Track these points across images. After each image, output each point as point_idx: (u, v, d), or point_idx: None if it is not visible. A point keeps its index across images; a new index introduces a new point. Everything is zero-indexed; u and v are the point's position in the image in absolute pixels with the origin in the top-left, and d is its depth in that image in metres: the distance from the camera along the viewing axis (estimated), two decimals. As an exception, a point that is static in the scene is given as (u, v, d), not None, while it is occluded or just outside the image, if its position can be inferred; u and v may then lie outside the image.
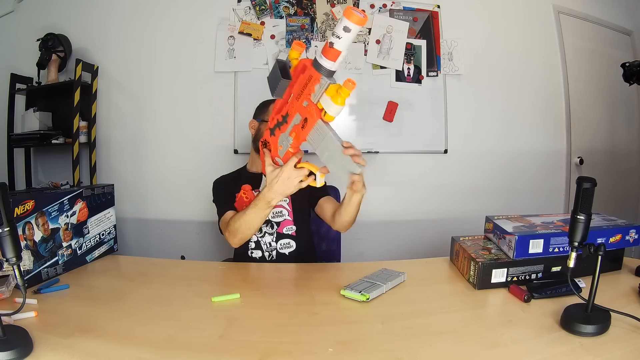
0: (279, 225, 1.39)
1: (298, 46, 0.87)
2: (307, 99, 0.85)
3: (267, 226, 1.38)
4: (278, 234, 1.38)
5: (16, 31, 2.37)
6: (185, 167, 2.33)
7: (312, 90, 0.83)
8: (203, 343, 0.75)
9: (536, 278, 1.01)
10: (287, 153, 0.97)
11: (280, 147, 0.96)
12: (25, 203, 1.00)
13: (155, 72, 2.32)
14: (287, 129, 0.92)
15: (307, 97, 0.85)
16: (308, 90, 0.84)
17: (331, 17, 2.27)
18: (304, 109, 0.86)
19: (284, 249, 1.38)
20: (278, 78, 0.86)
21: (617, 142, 2.64)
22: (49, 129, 2.24)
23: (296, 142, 0.93)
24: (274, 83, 0.87)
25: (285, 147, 0.94)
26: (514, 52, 2.39)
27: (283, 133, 0.93)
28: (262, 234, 1.38)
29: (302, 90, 0.85)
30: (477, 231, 1.22)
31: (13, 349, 0.67)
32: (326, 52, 0.79)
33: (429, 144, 2.34)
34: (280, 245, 1.38)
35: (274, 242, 1.38)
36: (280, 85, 0.87)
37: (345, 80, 0.81)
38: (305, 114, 0.86)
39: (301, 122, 0.88)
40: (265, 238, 1.38)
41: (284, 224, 1.39)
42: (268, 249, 1.38)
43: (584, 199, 0.78)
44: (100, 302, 0.94)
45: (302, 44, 0.88)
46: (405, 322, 0.83)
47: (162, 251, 2.34)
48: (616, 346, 0.71)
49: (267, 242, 1.38)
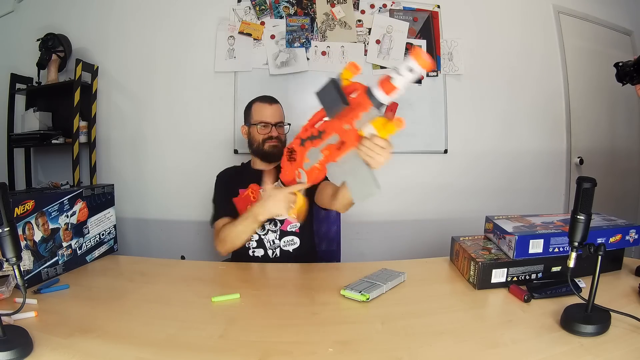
0: (282, 223, 1.39)
1: (354, 68, 0.84)
2: (350, 123, 0.83)
3: (271, 224, 1.38)
4: (282, 231, 1.39)
5: (16, 31, 2.37)
6: (185, 167, 2.33)
7: (358, 117, 0.82)
8: (203, 343, 0.75)
9: (536, 278, 1.01)
10: (313, 168, 0.95)
11: (308, 160, 0.95)
12: (25, 203, 1.00)
13: (155, 72, 2.32)
14: (320, 145, 0.90)
15: (350, 121, 0.83)
16: (353, 115, 0.83)
17: (331, 17, 2.26)
18: (343, 132, 0.85)
19: (288, 246, 1.39)
20: (337, 102, 0.82)
21: (617, 142, 2.64)
22: (49, 129, 2.23)
23: (326, 160, 0.91)
24: (330, 105, 0.84)
25: (313, 161, 0.93)
26: (514, 52, 2.39)
27: (314, 147, 0.92)
28: (265, 232, 1.38)
29: (348, 113, 0.83)
30: (477, 231, 1.22)
31: (13, 349, 0.67)
32: (383, 84, 0.79)
33: (429, 144, 2.33)
34: (284, 243, 1.38)
35: (278, 239, 1.38)
36: (337, 109, 0.84)
37: (397, 118, 0.81)
38: (344, 138, 0.85)
39: (338, 144, 0.87)
40: (268, 236, 1.38)
41: (288, 221, 1.39)
42: (272, 246, 1.38)
43: (584, 199, 0.78)
44: (100, 302, 0.94)
45: (358, 67, 0.85)
46: (405, 322, 0.83)
47: (162, 251, 2.34)
48: (616, 346, 0.71)
49: (271, 240, 1.38)
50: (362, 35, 2.28)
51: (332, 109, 0.84)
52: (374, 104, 0.81)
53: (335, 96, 0.82)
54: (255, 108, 1.45)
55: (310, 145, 0.92)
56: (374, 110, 0.81)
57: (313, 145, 0.92)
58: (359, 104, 0.82)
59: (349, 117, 0.83)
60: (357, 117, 0.82)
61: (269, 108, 1.43)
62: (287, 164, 1.03)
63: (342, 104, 0.82)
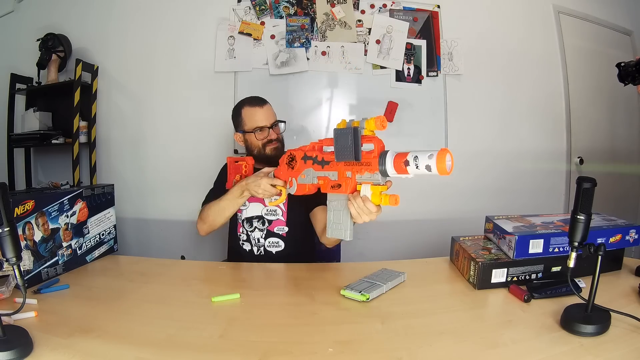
0: (270, 224, 1.38)
1: (380, 123, 0.83)
2: (354, 173, 0.86)
3: (259, 222, 1.38)
4: (268, 231, 1.38)
5: (16, 31, 2.37)
6: (185, 167, 2.33)
7: (362, 173, 0.84)
8: (203, 343, 0.75)
9: (536, 278, 1.00)
10: (305, 186, 0.99)
11: (304, 176, 0.98)
12: (25, 203, 1.00)
13: (155, 72, 2.32)
14: (319, 173, 0.94)
15: (355, 171, 0.86)
16: (359, 169, 0.85)
17: (331, 17, 2.26)
18: (344, 177, 0.88)
19: (272, 248, 1.38)
20: (350, 154, 0.84)
21: (617, 142, 2.64)
22: (49, 129, 2.23)
23: (317, 187, 0.96)
24: (342, 150, 0.85)
25: (307, 180, 0.97)
26: (514, 52, 2.39)
27: (313, 170, 0.96)
28: (252, 228, 1.38)
29: (355, 165, 0.86)
30: (477, 231, 1.22)
31: (13, 349, 0.67)
32: (398, 162, 0.79)
33: (429, 144, 2.33)
34: (268, 243, 1.38)
35: (263, 238, 1.38)
36: (346, 158, 0.85)
37: (393, 195, 0.84)
38: (343, 181, 0.88)
39: (335, 182, 0.90)
40: (255, 233, 1.38)
41: (276, 223, 1.38)
42: (256, 244, 1.38)
43: (584, 199, 0.78)
44: (100, 302, 0.94)
45: (385, 125, 0.83)
46: (405, 322, 0.83)
47: (162, 251, 2.34)
48: (616, 346, 0.71)
49: (256, 238, 1.38)
50: (362, 35, 2.28)
51: (342, 155, 0.85)
52: (381, 171, 0.82)
53: (350, 147, 0.83)
54: (245, 113, 1.37)
55: (311, 166, 0.95)
56: (378, 177, 0.83)
57: (314, 168, 0.95)
58: (368, 164, 0.83)
59: (354, 168, 0.86)
60: (361, 173, 0.85)
61: (260, 111, 1.36)
62: (285, 166, 1.06)
63: (353, 157, 0.83)
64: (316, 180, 0.95)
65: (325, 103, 2.30)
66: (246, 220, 1.39)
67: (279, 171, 1.11)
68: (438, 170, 0.73)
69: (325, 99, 2.30)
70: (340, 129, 0.85)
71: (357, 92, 2.30)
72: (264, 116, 1.36)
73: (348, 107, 2.31)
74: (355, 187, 0.88)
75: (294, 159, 1.00)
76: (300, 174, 0.99)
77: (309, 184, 0.98)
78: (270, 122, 1.37)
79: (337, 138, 0.85)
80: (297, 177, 1.01)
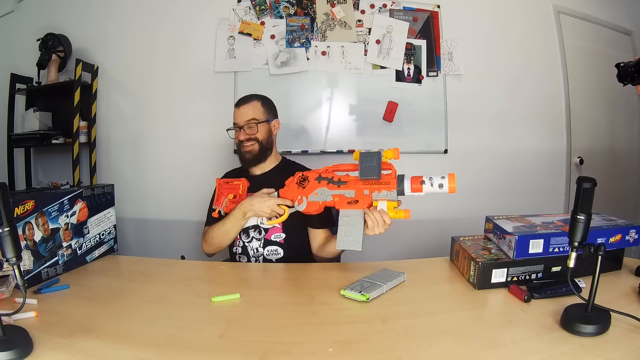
0: (267, 232, 1.36)
1: (396, 154, 1.01)
2: (371, 191, 1.00)
3: (255, 231, 1.36)
4: (266, 240, 1.36)
5: (16, 31, 2.37)
6: (185, 167, 2.33)
7: (380, 190, 0.99)
8: (203, 343, 0.75)
9: (536, 278, 1.00)
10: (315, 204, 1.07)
11: (316, 194, 1.06)
12: (25, 203, 1.00)
13: (155, 72, 2.32)
14: (334, 192, 1.04)
15: (373, 189, 1.00)
16: (377, 188, 1.00)
17: (331, 17, 2.26)
18: (362, 194, 1.00)
19: (271, 256, 1.36)
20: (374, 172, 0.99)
21: (617, 142, 2.64)
22: (49, 129, 2.23)
23: (333, 203, 1.05)
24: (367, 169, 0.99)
25: (320, 198, 1.06)
26: (514, 52, 2.39)
27: (327, 189, 1.06)
28: (249, 239, 1.37)
29: (374, 183, 1.00)
30: (477, 231, 1.22)
31: (13, 349, 0.67)
32: (414, 182, 0.98)
33: (429, 144, 2.33)
34: (268, 252, 1.36)
35: (261, 247, 1.36)
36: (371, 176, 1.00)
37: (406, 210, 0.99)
38: (360, 198, 1.00)
39: (352, 199, 1.01)
40: (252, 243, 1.37)
41: (272, 231, 1.36)
42: (255, 254, 1.37)
43: (584, 199, 0.78)
44: (100, 302, 0.94)
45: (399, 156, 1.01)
46: (405, 322, 0.83)
47: (162, 251, 2.34)
48: (616, 346, 0.71)
49: (254, 248, 1.37)
50: (362, 35, 2.28)
51: (367, 173, 1.00)
52: (398, 190, 0.98)
53: (375, 167, 0.99)
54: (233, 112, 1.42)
55: (325, 186, 1.05)
56: (394, 195, 0.98)
57: (328, 187, 1.05)
58: (387, 182, 1.00)
59: (373, 187, 1.00)
60: (379, 191, 1.00)
61: (237, 111, 1.39)
62: (294, 186, 1.13)
63: (377, 176, 0.99)
64: (330, 198, 1.05)
65: (325, 103, 2.30)
66: (243, 232, 1.37)
67: (285, 191, 1.16)
68: (449, 189, 0.95)
69: (325, 99, 2.30)
70: (367, 152, 1.00)
71: (357, 92, 2.30)
72: (237, 115, 1.39)
73: (348, 107, 2.31)
74: (371, 203, 1.01)
75: (306, 179, 1.09)
76: (312, 192, 1.08)
77: (321, 201, 1.07)
78: (242, 121, 1.37)
79: (363, 159, 0.99)
80: (307, 195, 1.09)
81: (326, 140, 2.29)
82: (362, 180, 1.02)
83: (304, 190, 1.11)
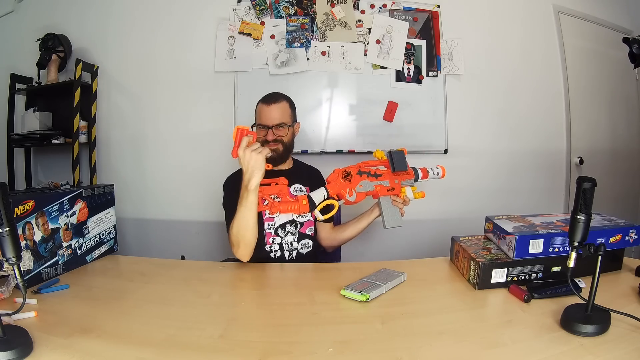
0: (302, 225, 1.39)
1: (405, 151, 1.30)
2: (400, 179, 1.27)
3: (291, 226, 1.38)
4: (300, 234, 1.39)
5: (16, 31, 2.36)
6: (185, 167, 2.33)
7: (404, 180, 1.29)
8: (203, 343, 0.75)
9: (536, 278, 1.01)
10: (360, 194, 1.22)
11: (361, 186, 1.21)
12: (25, 203, 1.00)
13: (155, 72, 2.32)
14: (375, 183, 1.24)
15: (400, 179, 1.27)
16: (404, 177, 1.29)
17: (331, 17, 2.26)
18: (394, 183, 1.27)
19: (303, 249, 1.40)
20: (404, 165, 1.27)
21: (617, 142, 2.64)
22: (49, 129, 2.23)
23: (375, 192, 1.24)
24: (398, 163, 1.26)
25: (365, 189, 1.22)
26: (514, 52, 2.39)
27: (369, 181, 1.23)
28: (285, 233, 1.38)
29: (402, 174, 1.28)
30: (477, 231, 1.22)
31: (13, 349, 0.67)
32: (424, 172, 1.33)
33: (429, 144, 2.33)
34: (301, 246, 1.39)
35: (296, 242, 1.38)
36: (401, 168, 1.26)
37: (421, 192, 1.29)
38: (393, 186, 1.27)
39: (389, 187, 1.26)
40: (287, 237, 1.38)
41: (307, 224, 1.40)
42: (289, 248, 1.38)
43: (584, 199, 0.78)
44: (100, 302, 0.94)
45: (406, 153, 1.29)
46: (405, 322, 0.83)
47: (162, 251, 2.34)
48: (616, 346, 0.71)
49: (289, 242, 1.38)
50: (362, 35, 2.28)
51: (398, 166, 1.25)
52: (415, 178, 1.31)
53: (404, 161, 1.27)
54: (257, 110, 1.42)
55: (366, 178, 1.23)
56: (412, 182, 1.30)
57: (369, 179, 1.24)
58: (409, 172, 1.29)
59: (402, 176, 1.28)
60: (404, 180, 1.28)
61: (266, 109, 1.38)
62: (340, 181, 1.21)
63: (405, 168, 1.28)
64: (373, 188, 1.23)
65: (325, 103, 2.30)
66: (280, 227, 1.37)
67: (333, 187, 1.20)
68: (443, 175, 1.36)
69: (325, 99, 2.30)
70: (396, 150, 1.27)
71: (357, 92, 2.30)
72: (267, 115, 1.38)
73: (348, 107, 2.31)
74: (400, 188, 1.27)
75: (349, 174, 1.21)
76: (358, 184, 1.21)
77: (365, 191, 1.22)
78: (272, 122, 1.37)
79: (394, 156, 1.26)
80: (354, 188, 1.20)
81: (326, 140, 2.29)
82: (393, 174, 1.26)
83: (350, 184, 1.20)
